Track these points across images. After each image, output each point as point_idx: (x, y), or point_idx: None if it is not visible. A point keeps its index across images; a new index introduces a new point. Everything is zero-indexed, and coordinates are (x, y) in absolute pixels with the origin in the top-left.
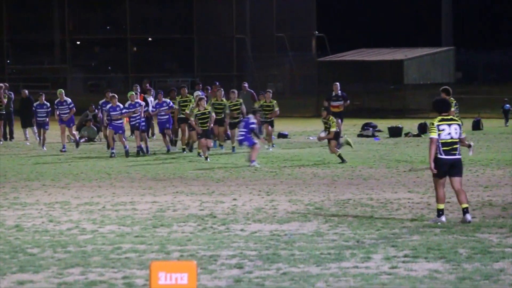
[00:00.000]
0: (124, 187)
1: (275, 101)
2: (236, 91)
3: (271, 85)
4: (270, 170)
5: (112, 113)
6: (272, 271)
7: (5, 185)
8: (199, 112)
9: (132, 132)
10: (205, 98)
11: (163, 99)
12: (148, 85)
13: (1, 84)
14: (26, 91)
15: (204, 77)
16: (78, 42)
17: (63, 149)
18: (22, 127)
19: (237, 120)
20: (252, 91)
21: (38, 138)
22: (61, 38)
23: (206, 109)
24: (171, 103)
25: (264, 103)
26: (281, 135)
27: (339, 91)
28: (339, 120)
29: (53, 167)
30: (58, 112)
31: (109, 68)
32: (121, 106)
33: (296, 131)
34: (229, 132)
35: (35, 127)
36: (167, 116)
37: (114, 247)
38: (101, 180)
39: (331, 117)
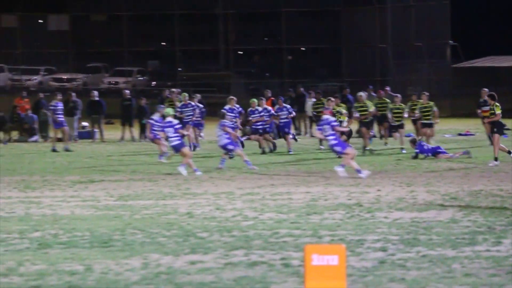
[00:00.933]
0: (281, 179)
1: (433, 102)
2: (363, 94)
3: (410, 89)
4: (410, 164)
5: (252, 116)
6: (412, 254)
7: (177, 177)
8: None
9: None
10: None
11: (284, 105)
12: (302, 89)
13: (174, 90)
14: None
15: (350, 82)
16: (240, 52)
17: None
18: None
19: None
20: (395, 94)
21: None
22: (225, 48)
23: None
24: (291, 108)
25: (422, 105)
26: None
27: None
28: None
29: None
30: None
31: (267, 74)
32: (260, 109)
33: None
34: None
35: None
36: (287, 120)
37: (272, 232)
38: (261, 173)
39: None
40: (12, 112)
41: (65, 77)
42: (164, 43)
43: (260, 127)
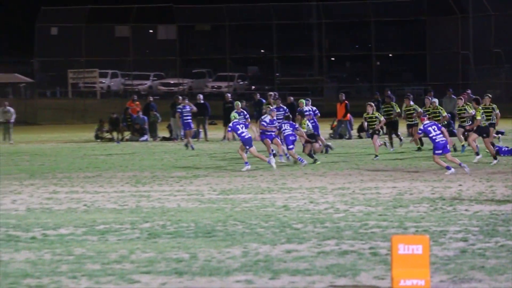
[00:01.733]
0: (370, 175)
1: (495, 105)
2: (411, 95)
3: (490, 92)
4: (489, 161)
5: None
6: (491, 244)
7: (274, 173)
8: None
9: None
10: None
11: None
12: (389, 92)
13: (271, 93)
14: (258, 95)
15: (434, 86)
16: (332, 58)
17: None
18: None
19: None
20: (474, 96)
21: None
22: (319, 55)
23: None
24: (317, 110)
25: (484, 106)
26: (498, 132)
27: None
28: None
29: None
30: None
31: (357, 78)
32: (307, 109)
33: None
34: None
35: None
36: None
37: (362, 223)
38: (351, 169)
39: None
40: (124, 114)
41: (173, 82)
42: (263, 50)
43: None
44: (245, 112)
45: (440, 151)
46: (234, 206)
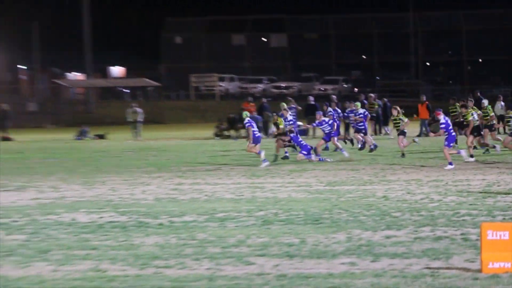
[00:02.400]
0: (461, 169)
1: None
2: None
3: None
4: None
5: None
6: None
7: (375, 167)
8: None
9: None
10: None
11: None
12: (479, 94)
13: (371, 94)
14: (334, 97)
15: None
16: (428, 63)
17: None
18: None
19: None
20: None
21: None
22: (415, 60)
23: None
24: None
25: None
26: None
27: None
28: None
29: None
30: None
31: (450, 82)
32: (361, 111)
33: None
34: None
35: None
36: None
37: (454, 212)
38: (445, 163)
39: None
40: (240, 113)
41: (284, 85)
42: (364, 56)
43: (360, 126)
44: (294, 110)
45: (452, 144)
46: (339, 196)
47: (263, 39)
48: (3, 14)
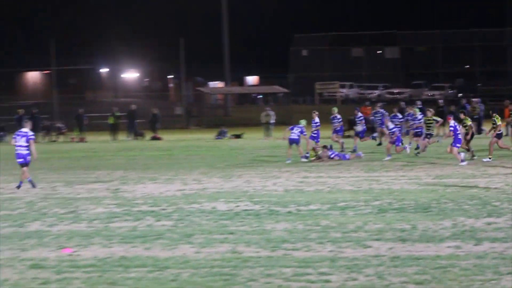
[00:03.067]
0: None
1: None
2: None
3: None
4: None
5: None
6: None
7: (477, 162)
8: None
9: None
10: None
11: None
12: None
13: (474, 99)
14: (402, 103)
15: None
16: None
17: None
18: None
19: None
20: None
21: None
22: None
23: None
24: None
25: None
26: None
27: None
28: None
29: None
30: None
31: None
32: (399, 115)
33: None
34: None
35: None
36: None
37: None
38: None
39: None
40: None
41: (396, 91)
42: (467, 66)
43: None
44: (339, 117)
45: (459, 145)
46: (445, 188)
47: (378, 51)
48: (157, 33)
